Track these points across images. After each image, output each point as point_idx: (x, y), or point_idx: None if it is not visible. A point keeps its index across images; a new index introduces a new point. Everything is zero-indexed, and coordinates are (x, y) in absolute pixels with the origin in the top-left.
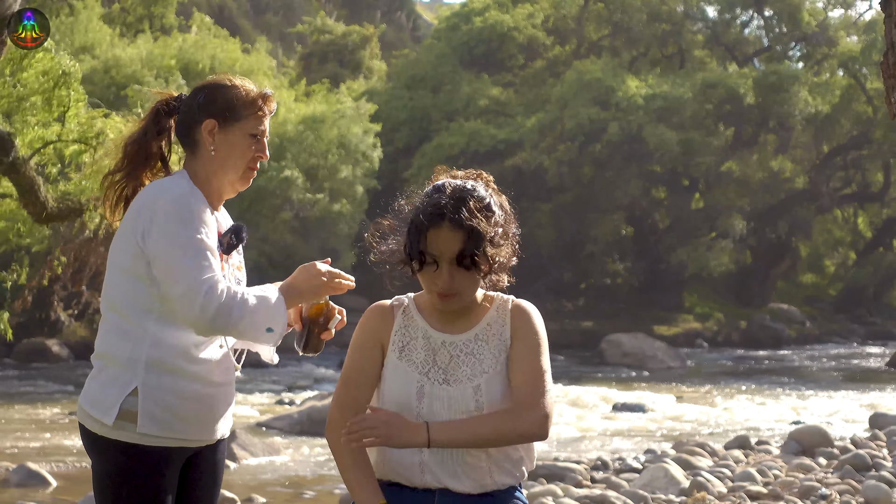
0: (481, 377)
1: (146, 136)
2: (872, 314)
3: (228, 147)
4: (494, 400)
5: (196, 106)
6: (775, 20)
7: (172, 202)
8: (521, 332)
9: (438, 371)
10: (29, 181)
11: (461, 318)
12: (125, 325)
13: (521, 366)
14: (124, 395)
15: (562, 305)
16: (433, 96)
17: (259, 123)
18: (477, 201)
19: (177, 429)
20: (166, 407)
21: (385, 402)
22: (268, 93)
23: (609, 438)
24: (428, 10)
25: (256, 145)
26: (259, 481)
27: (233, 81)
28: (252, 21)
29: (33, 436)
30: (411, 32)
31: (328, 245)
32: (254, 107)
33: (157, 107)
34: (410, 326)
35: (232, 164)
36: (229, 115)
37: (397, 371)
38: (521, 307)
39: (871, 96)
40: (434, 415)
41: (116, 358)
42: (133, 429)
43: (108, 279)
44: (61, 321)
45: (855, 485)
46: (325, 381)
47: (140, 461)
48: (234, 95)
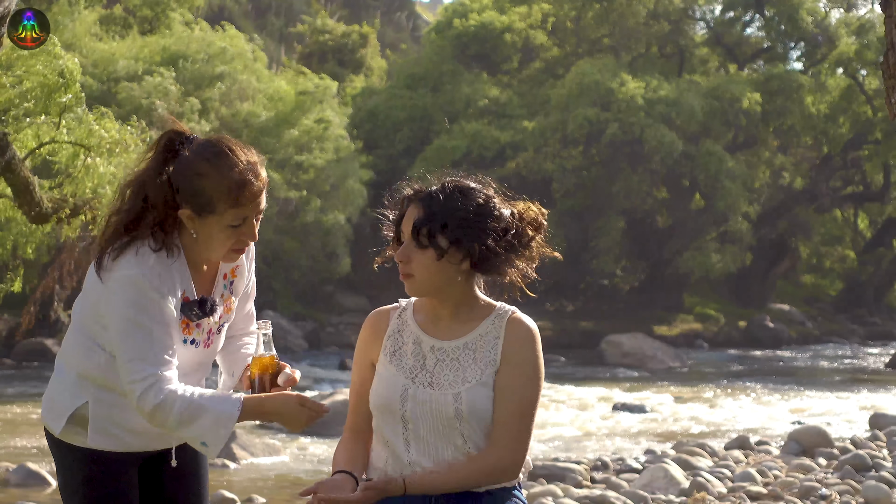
0: (462, 386)
1: (150, 175)
2: (872, 314)
3: (207, 235)
4: (474, 409)
5: (176, 188)
6: (775, 20)
7: (126, 284)
8: (516, 358)
9: (426, 374)
10: (24, 182)
11: (455, 324)
12: (87, 343)
13: (511, 398)
14: (77, 405)
15: (562, 305)
16: (433, 95)
17: (240, 215)
18: (462, 190)
19: (127, 441)
20: (116, 423)
21: (371, 402)
22: (249, 183)
23: (609, 438)
24: (428, 10)
25: (239, 234)
26: (259, 481)
27: (214, 162)
28: (253, 21)
29: (33, 436)
30: (411, 32)
31: (328, 248)
32: (230, 201)
33: (166, 143)
34: (404, 331)
35: (214, 248)
36: (205, 208)
37: (386, 373)
38: (519, 323)
39: (871, 97)
40: (416, 418)
41: (73, 367)
42: (85, 434)
43: (78, 301)
44: (61, 321)
45: (855, 485)
46: (325, 381)
47: (95, 464)
48: (210, 187)
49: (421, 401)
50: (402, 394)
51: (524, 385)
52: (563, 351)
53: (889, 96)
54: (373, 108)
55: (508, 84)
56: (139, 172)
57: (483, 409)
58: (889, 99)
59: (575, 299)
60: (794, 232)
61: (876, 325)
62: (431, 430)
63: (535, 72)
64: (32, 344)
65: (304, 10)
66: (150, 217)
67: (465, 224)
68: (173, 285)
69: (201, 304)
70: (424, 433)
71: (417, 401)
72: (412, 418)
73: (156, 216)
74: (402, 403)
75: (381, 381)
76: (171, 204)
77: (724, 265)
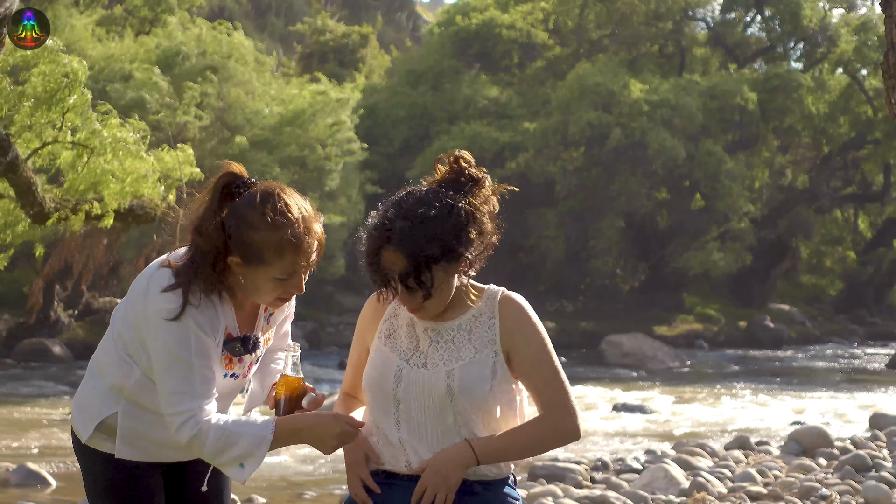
0: (456, 363)
1: (206, 218)
2: (873, 314)
3: (254, 284)
4: (465, 386)
5: (228, 234)
6: (776, 20)
7: (171, 319)
8: (521, 334)
9: (420, 356)
10: (27, 182)
11: (448, 308)
12: (123, 356)
13: (538, 368)
14: (106, 414)
15: (562, 306)
16: (433, 93)
17: (289, 269)
18: (424, 217)
19: (153, 452)
20: (144, 436)
21: (364, 382)
22: (300, 241)
23: (609, 439)
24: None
25: (286, 285)
26: (259, 481)
27: (267, 216)
28: (253, 22)
29: (33, 436)
30: (411, 33)
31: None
32: (280, 255)
33: (223, 186)
34: (400, 315)
35: (260, 296)
36: (253, 258)
37: (380, 355)
38: (510, 300)
39: (871, 96)
40: (408, 397)
41: (106, 377)
42: (110, 442)
43: (119, 312)
44: (61, 321)
45: (855, 485)
46: (325, 381)
47: (120, 469)
48: (260, 240)
49: (414, 381)
50: (395, 374)
51: (543, 353)
52: (564, 351)
53: (889, 96)
54: (373, 104)
55: (509, 83)
56: (197, 215)
57: (475, 386)
58: (889, 99)
59: (575, 299)
60: (794, 232)
61: (876, 326)
62: (423, 409)
63: (536, 71)
64: (33, 344)
65: (304, 10)
66: (204, 258)
67: (447, 248)
68: (218, 323)
69: (244, 342)
70: (416, 413)
71: (411, 381)
72: (405, 398)
73: (208, 258)
74: (395, 384)
75: (376, 363)
76: (223, 249)
77: (725, 264)
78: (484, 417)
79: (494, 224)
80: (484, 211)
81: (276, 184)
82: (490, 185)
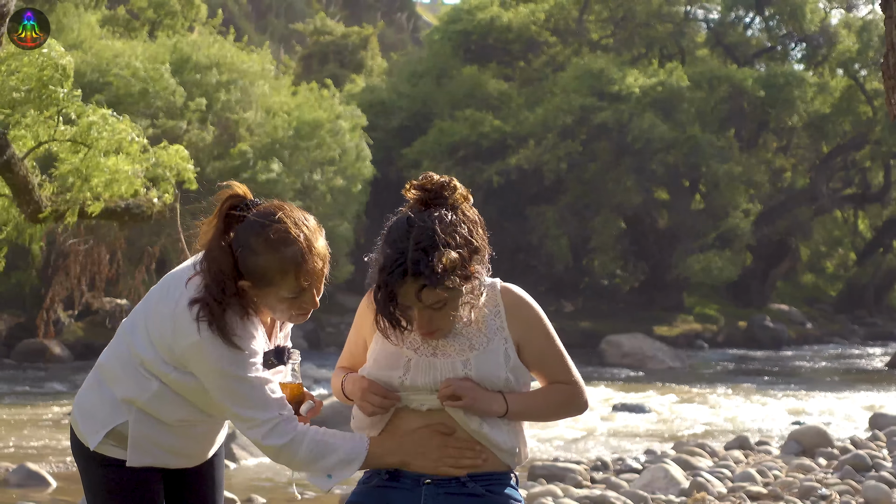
0: (471, 352)
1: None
2: (872, 315)
3: (268, 305)
4: (483, 374)
5: (235, 258)
6: (776, 20)
7: (217, 343)
8: (526, 325)
9: (428, 347)
10: (23, 181)
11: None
12: (139, 371)
13: (548, 360)
14: (117, 422)
15: (561, 305)
16: (435, 86)
17: (298, 288)
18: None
19: (162, 458)
20: (156, 443)
21: (372, 371)
22: (304, 261)
23: (609, 438)
24: (428, 10)
25: (299, 302)
26: (259, 481)
27: (268, 240)
28: (254, 22)
29: (33, 436)
30: (411, 33)
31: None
32: (284, 276)
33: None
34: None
35: (276, 314)
36: (261, 281)
37: (384, 346)
38: (510, 291)
39: (871, 97)
40: (415, 383)
41: (118, 390)
42: (119, 448)
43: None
44: (61, 321)
45: (855, 485)
46: (325, 381)
47: (121, 473)
48: (264, 265)
49: (423, 368)
50: (405, 364)
51: (549, 343)
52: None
53: (889, 97)
54: (373, 101)
55: (510, 77)
56: (208, 242)
57: (492, 374)
58: (889, 99)
59: (574, 299)
60: (794, 232)
61: (876, 326)
62: (429, 397)
63: (537, 67)
64: (32, 344)
65: (304, 11)
66: (217, 283)
67: (469, 243)
68: (259, 338)
69: (278, 354)
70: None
71: (419, 369)
72: (411, 383)
73: (222, 283)
74: (403, 373)
75: (383, 354)
76: (234, 273)
77: (727, 273)
78: None
79: (483, 225)
80: (469, 208)
81: (277, 203)
82: (462, 189)
